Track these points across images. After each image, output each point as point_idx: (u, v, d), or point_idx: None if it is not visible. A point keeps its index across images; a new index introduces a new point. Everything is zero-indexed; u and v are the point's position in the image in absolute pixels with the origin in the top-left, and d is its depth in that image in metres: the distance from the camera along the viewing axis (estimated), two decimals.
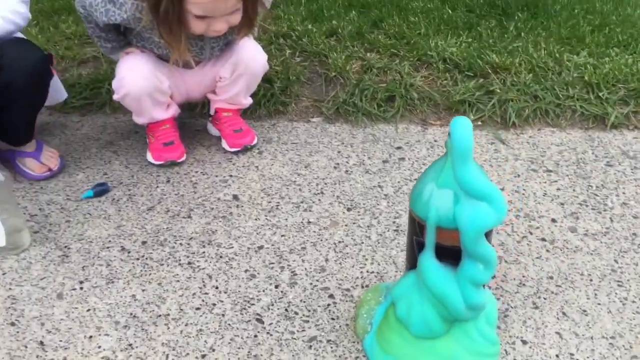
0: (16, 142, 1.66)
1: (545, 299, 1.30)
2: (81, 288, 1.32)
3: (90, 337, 1.20)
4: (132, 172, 1.73)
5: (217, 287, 1.32)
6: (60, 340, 1.19)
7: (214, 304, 1.28)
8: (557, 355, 1.16)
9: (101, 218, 1.54)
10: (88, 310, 1.26)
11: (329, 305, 1.28)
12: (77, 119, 2.02)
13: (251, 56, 1.71)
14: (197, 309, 1.27)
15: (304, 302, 1.28)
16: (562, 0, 2.70)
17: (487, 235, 1.06)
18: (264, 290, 1.31)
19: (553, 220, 1.55)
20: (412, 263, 1.13)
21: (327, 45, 2.29)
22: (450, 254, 1.05)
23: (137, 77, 1.61)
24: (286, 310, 1.26)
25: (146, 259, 1.41)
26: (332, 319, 1.24)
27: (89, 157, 1.81)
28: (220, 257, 1.41)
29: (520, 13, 2.54)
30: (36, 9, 2.66)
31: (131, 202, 1.60)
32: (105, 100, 2.08)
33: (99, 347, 1.17)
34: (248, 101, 1.85)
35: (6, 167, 1.71)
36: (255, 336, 1.20)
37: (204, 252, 1.43)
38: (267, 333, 1.21)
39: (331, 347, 1.18)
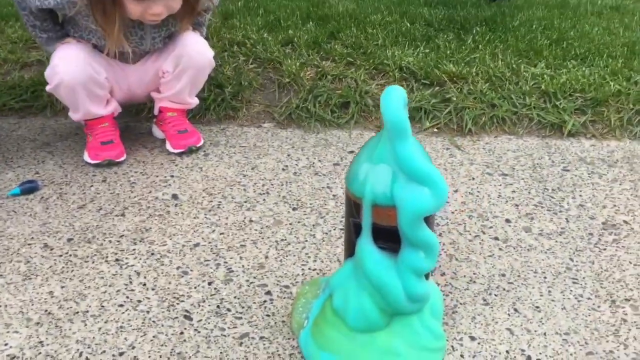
0: None
1: (496, 295, 1.22)
2: None
3: None
4: (66, 172, 1.63)
5: (144, 284, 1.22)
6: None
7: (140, 301, 1.17)
8: (507, 351, 1.08)
9: (26, 215, 1.43)
10: None
11: (265, 302, 1.18)
12: (15, 121, 1.92)
13: (196, 49, 1.64)
14: (120, 305, 1.16)
15: (238, 298, 1.19)
16: (521, 17, 2.71)
17: (429, 222, 0.99)
18: (195, 287, 1.21)
19: (507, 221, 1.48)
20: (350, 251, 1.04)
21: (282, 52, 2.23)
22: (388, 235, 0.97)
23: (70, 65, 1.52)
24: (218, 307, 1.16)
25: (70, 255, 1.30)
26: (268, 315, 1.14)
27: (21, 157, 1.70)
28: (152, 254, 1.31)
29: (479, 27, 2.53)
30: None
31: (61, 201, 1.50)
32: (46, 103, 1.98)
33: (6, 344, 1.05)
34: (194, 100, 1.77)
35: None
36: (182, 333, 1.09)
37: (134, 250, 1.32)
38: (195, 330, 1.10)
39: (264, 344, 1.07)
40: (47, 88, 1.58)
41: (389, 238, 0.98)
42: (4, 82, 2.05)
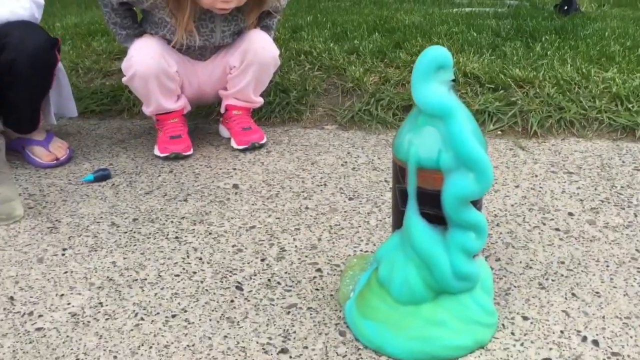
0: (21, 129, 1.68)
1: (553, 280, 1.18)
2: (63, 254, 1.28)
3: (62, 295, 1.14)
4: (137, 164, 1.72)
5: (200, 259, 1.26)
6: (31, 297, 1.14)
7: (195, 272, 1.21)
8: (561, 331, 1.04)
9: (97, 199, 1.52)
10: (65, 272, 1.22)
11: (314, 277, 1.19)
12: (95, 122, 2.05)
13: (261, 45, 1.71)
14: (176, 275, 1.20)
15: (289, 274, 1.21)
16: (593, 27, 2.65)
17: (476, 202, 0.98)
18: (248, 263, 1.24)
19: (570, 214, 1.43)
20: (397, 220, 1.05)
21: (347, 60, 2.28)
22: (433, 201, 0.97)
23: (144, 57, 1.62)
24: (269, 280, 1.19)
25: (134, 232, 1.36)
26: (317, 289, 1.16)
27: (98, 151, 1.81)
28: (210, 233, 1.36)
29: (548, 36, 2.49)
30: (73, 32, 2.78)
31: (130, 187, 1.58)
32: (123, 107, 2.11)
33: (69, 303, 1.12)
34: (258, 99, 1.84)
35: (14, 155, 1.73)
36: (232, 301, 1.12)
37: (193, 229, 1.38)
38: (245, 299, 1.13)
39: (311, 314, 1.08)
40: (123, 80, 1.69)
41: (435, 204, 0.97)
42: (87, 88, 2.20)
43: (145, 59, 1.62)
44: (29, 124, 1.68)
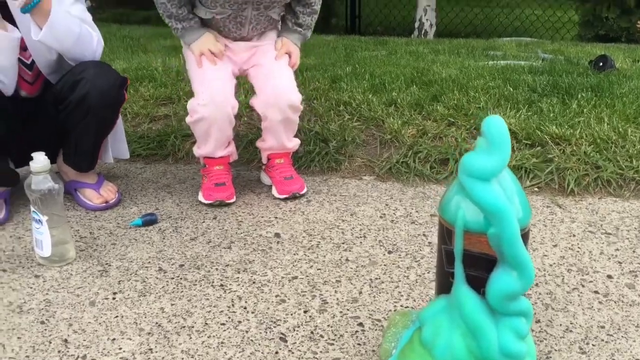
0: (80, 166, 1.76)
1: (594, 345, 1.19)
2: (114, 298, 1.33)
3: (114, 339, 1.19)
4: (182, 209, 1.79)
5: (245, 308, 1.30)
6: (84, 340, 1.19)
7: (240, 322, 1.25)
8: None
9: (145, 243, 1.58)
10: (116, 317, 1.26)
11: (357, 332, 1.22)
12: (141, 165, 2.13)
13: (284, 98, 1.75)
14: (222, 324, 1.24)
15: (332, 327, 1.24)
16: (630, 85, 2.67)
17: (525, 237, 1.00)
18: (292, 314, 1.28)
19: (609, 277, 1.44)
20: (441, 280, 1.08)
21: (385, 112, 2.34)
22: (479, 264, 1.00)
23: (212, 104, 1.68)
24: (312, 333, 1.22)
25: (181, 279, 1.41)
26: (359, 344, 1.18)
27: (144, 196, 1.88)
28: (253, 282, 1.40)
29: (584, 93, 2.52)
30: None
31: (176, 233, 1.64)
32: (169, 151, 2.19)
33: (120, 348, 1.16)
34: (294, 142, 1.89)
35: (66, 198, 1.81)
36: (277, 352, 1.15)
37: (237, 277, 1.42)
38: (289, 351, 1.16)
39: None
40: (187, 120, 1.74)
41: (480, 267, 1.00)
42: (134, 133, 2.29)
43: (212, 109, 1.68)
44: (89, 161, 1.76)
